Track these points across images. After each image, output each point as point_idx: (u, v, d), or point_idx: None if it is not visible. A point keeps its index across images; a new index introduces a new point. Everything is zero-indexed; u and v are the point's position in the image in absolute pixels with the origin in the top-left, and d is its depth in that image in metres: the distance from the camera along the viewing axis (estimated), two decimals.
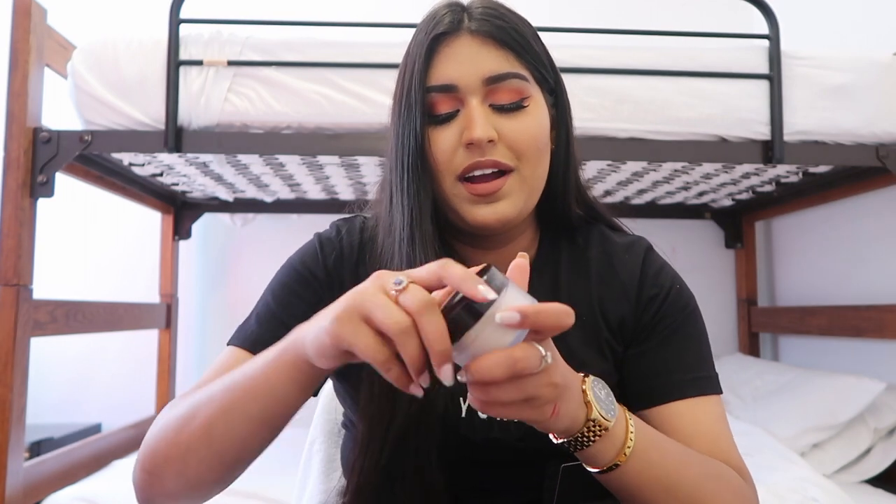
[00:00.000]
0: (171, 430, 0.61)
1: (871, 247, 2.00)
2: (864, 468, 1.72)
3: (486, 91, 0.69)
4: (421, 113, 0.68)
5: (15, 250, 1.45)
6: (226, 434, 0.58)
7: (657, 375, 0.71)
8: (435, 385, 0.48)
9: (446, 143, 0.69)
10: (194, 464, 0.59)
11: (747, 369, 2.20)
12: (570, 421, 0.55)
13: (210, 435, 0.58)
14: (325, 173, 1.88)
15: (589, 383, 0.57)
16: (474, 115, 0.68)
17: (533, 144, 0.69)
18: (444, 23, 0.69)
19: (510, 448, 0.69)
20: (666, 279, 0.75)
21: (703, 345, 0.75)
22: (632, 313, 0.74)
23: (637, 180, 1.98)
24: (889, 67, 1.64)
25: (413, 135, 0.68)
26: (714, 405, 0.71)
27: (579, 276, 0.76)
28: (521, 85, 0.69)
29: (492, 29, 0.69)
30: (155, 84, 1.50)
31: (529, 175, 0.70)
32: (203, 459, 0.59)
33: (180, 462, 0.60)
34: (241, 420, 0.58)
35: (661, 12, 2.57)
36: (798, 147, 1.62)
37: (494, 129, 0.68)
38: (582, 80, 1.55)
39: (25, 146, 1.48)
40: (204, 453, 0.59)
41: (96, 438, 1.86)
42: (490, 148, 0.68)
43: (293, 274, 0.75)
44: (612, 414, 0.57)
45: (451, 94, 0.69)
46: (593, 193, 0.82)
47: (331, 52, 1.53)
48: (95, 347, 2.40)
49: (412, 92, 0.69)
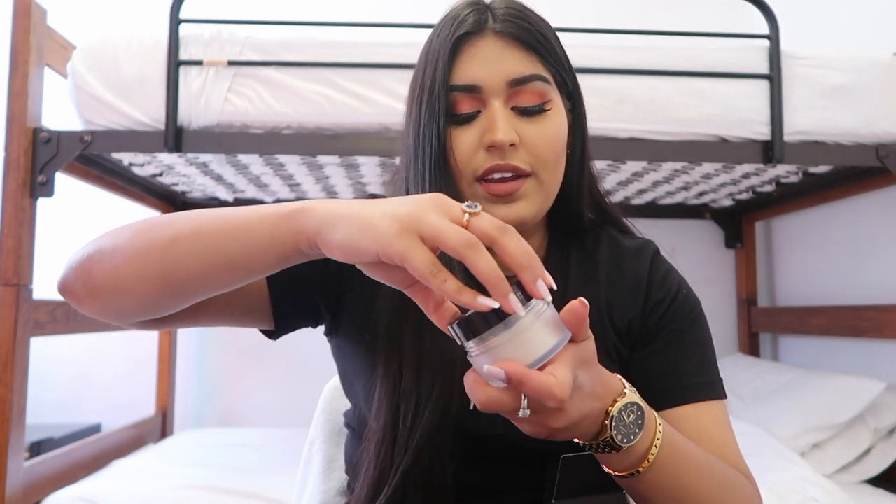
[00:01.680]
0: (131, 231, 0.59)
1: (871, 247, 2.00)
2: (864, 468, 1.72)
3: (509, 93, 0.68)
4: (444, 113, 0.68)
5: (15, 250, 1.45)
6: (189, 253, 0.56)
7: (662, 379, 0.71)
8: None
9: (467, 144, 0.68)
10: (138, 267, 0.57)
11: (747, 369, 2.20)
12: (577, 436, 0.55)
13: (172, 246, 0.56)
14: (325, 173, 1.88)
15: (617, 407, 0.55)
16: (497, 117, 0.67)
17: (552, 150, 0.69)
18: (468, 22, 0.69)
19: (514, 445, 0.69)
20: (673, 283, 0.76)
21: (709, 349, 0.75)
22: (638, 316, 0.74)
23: (637, 180, 1.98)
24: (889, 67, 1.64)
25: (436, 134, 0.68)
26: (719, 410, 0.71)
27: (588, 279, 0.76)
28: (543, 88, 0.69)
29: (516, 30, 0.69)
30: (155, 84, 1.50)
31: (547, 179, 0.70)
32: (150, 265, 0.57)
33: (124, 261, 0.58)
34: (210, 250, 0.56)
35: (661, 12, 2.57)
36: (798, 147, 1.62)
37: (516, 133, 0.68)
38: (582, 80, 1.52)
39: (25, 146, 1.48)
40: (155, 264, 0.57)
41: (96, 438, 1.87)
42: (511, 151, 0.68)
43: (318, 263, 0.73)
44: (632, 438, 0.55)
45: (473, 94, 0.68)
46: (608, 197, 0.82)
47: (331, 52, 1.53)
48: (95, 347, 2.40)
49: (435, 91, 0.68)
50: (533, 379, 0.47)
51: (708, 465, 0.63)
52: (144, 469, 1.75)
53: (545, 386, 0.47)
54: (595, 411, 0.54)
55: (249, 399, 2.46)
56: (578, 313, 0.51)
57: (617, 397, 0.55)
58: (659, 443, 0.58)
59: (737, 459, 0.69)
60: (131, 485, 1.57)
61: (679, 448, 0.60)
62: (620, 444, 0.55)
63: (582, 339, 0.52)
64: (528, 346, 0.49)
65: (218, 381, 2.50)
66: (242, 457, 1.90)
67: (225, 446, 2.02)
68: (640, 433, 0.56)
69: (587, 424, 0.54)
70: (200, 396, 2.49)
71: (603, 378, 0.55)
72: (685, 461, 0.60)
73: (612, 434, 0.55)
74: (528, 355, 0.49)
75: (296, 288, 0.71)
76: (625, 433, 0.55)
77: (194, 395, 2.48)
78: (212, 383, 2.50)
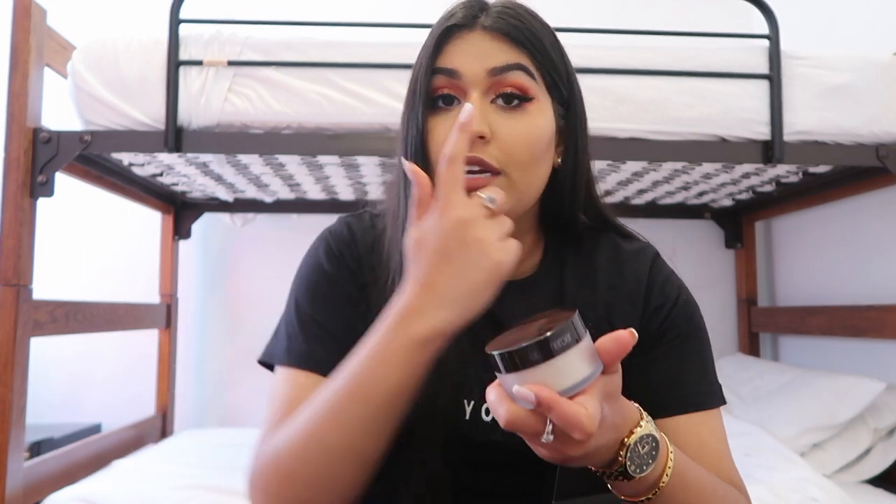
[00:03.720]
0: (285, 457, 0.61)
1: (871, 247, 2.00)
2: (864, 468, 1.72)
3: (489, 84, 0.67)
4: (424, 100, 0.68)
5: (15, 250, 1.45)
6: (366, 438, 0.59)
7: (662, 389, 0.71)
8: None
9: (443, 134, 0.67)
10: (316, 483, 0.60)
11: (747, 369, 2.20)
12: (591, 464, 0.56)
13: (350, 447, 0.59)
14: (325, 173, 1.88)
15: (633, 439, 0.54)
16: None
17: (525, 149, 0.66)
18: (458, 16, 0.69)
19: (512, 451, 0.69)
20: (672, 289, 0.75)
21: (708, 356, 0.75)
22: (638, 322, 0.74)
23: (637, 180, 1.98)
24: (889, 67, 1.64)
25: (415, 122, 0.68)
26: (717, 420, 0.72)
27: (586, 285, 0.75)
28: (525, 80, 0.67)
29: (505, 26, 0.68)
30: (155, 84, 1.50)
31: (519, 180, 0.66)
32: (340, 468, 0.60)
33: (301, 485, 0.61)
34: (380, 422, 0.59)
35: (662, 12, 2.57)
36: (798, 147, 1.62)
37: (489, 127, 0.65)
38: (582, 80, 1.52)
39: (25, 146, 1.48)
40: (340, 466, 0.60)
41: (96, 438, 1.86)
42: (480, 144, 0.65)
43: (325, 279, 0.73)
44: (644, 469, 0.55)
45: (453, 80, 0.67)
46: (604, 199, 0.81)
47: (331, 52, 1.53)
48: (95, 347, 2.40)
49: (418, 80, 0.69)
50: (563, 408, 0.47)
51: (713, 489, 0.63)
52: (144, 469, 1.74)
53: (575, 417, 0.47)
54: (611, 442, 0.54)
55: (249, 399, 2.46)
56: (625, 344, 0.51)
57: (634, 427, 0.55)
58: (670, 471, 0.57)
59: (731, 472, 0.70)
60: (131, 485, 1.57)
61: (688, 475, 0.60)
62: (633, 475, 0.55)
63: (613, 372, 0.52)
64: (562, 372, 0.48)
65: (218, 381, 2.50)
66: (242, 457, 1.88)
67: (225, 446, 2.02)
68: (652, 464, 0.56)
69: (602, 454, 0.54)
70: (200, 396, 2.49)
71: (623, 409, 0.54)
72: (693, 489, 0.61)
73: (626, 465, 0.54)
74: (559, 382, 0.48)
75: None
76: (638, 464, 0.55)
77: (194, 395, 2.48)
78: (212, 383, 2.50)
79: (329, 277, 0.72)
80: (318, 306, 0.71)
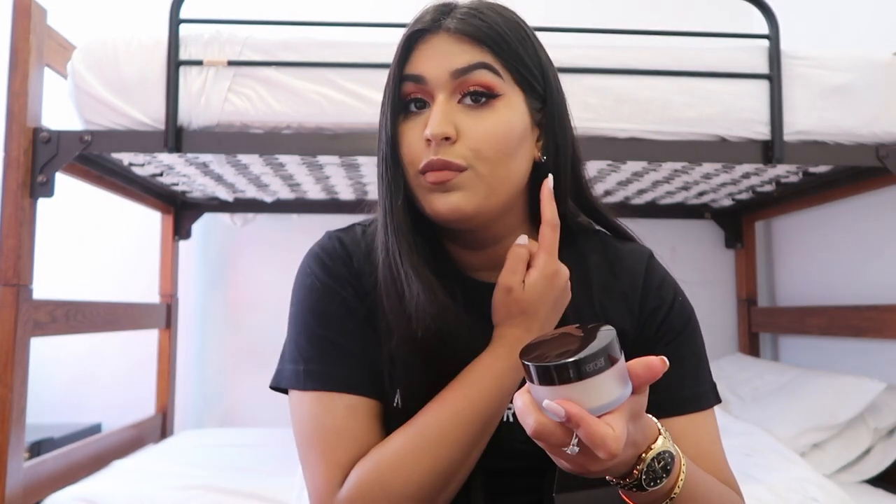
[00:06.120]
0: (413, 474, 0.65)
1: (871, 247, 2.00)
2: (864, 468, 1.72)
3: (454, 85, 0.68)
4: (393, 106, 0.69)
5: (15, 250, 1.45)
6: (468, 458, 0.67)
7: (660, 390, 0.70)
8: None
9: (412, 138, 0.69)
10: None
11: (747, 369, 2.20)
12: (606, 475, 0.56)
13: (458, 467, 0.66)
14: (325, 173, 1.88)
15: (651, 455, 0.55)
16: (435, 111, 0.67)
17: (492, 144, 0.67)
18: (424, 20, 0.70)
19: (515, 450, 0.69)
20: (668, 291, 0.75)
21: (703, 357, 0.75)
22: (633, 324, 0.74)
23: (637, 180, 1.98)
24: (889, 67, 1.64)
25: (385, 128, 0.70)
26: (712, 421, 0.73)
27: (580, 284, 0.75)
28: (490, 78, 0.67)
29: (465, 27, 0.68)
30: (155, 84, 1.50)
31: (488, 173, 0.67)
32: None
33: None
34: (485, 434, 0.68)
35: (662, 12, 2.57)
36: (798, 147, 1.62)
37: (455, 127, 0.67)
38: (582, 80, 1.55)
39: (25, 146, 1.48)
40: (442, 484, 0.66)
41: (96, 438, 1.86)
42: (446, 146, 0.66)
43: (329, 298, 0.72)
44: (658, 483, 0.56)
45: (420, 85, 0.69)
46: (600, 199, 0.81)
47: (331, 52, 1.53)
48: (95, 347, 2.40)
49: (388, 86, 0.71)
50: (592, 426, 0.48)
51: (719, 494, 0.65)
52: (144, 469, 1.74)
53: (601, 437, 0.48)
54: (630, 458, 0.55)
55: (249, 399, 2.46)
56: (656, 372, 0.52)
57: (651, 443, 0.56)
58: (682, 483, 0.58)
59: (726, 472, 0.71)
60: (131, 485, 1.57)
61: (699, 486, 0.61)
62: (647, 488, 0.56)
63: (640, 393, 0.53)
64: (594, 392, 0.49)
65: (218, 381, 2.50)
66: (242, 457, 1.89)
67: (225, 446, 2.02)
68: (666, 478, 0.56)
69: (619, 467, 0.55)
70: (200, 396, 2.49)
71: (644, 427, 0.55)
72: (701, 497, 0.62)
73: (641, 478, 0.55)
74: (590, 401, 0.49)
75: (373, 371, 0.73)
76: (652, 478, 0.56)
77: (194, 395, 2.48)
78: (212, 383, 2.50)
79: (333, 295, 0.72)
80: (330, 325, 0.71)
